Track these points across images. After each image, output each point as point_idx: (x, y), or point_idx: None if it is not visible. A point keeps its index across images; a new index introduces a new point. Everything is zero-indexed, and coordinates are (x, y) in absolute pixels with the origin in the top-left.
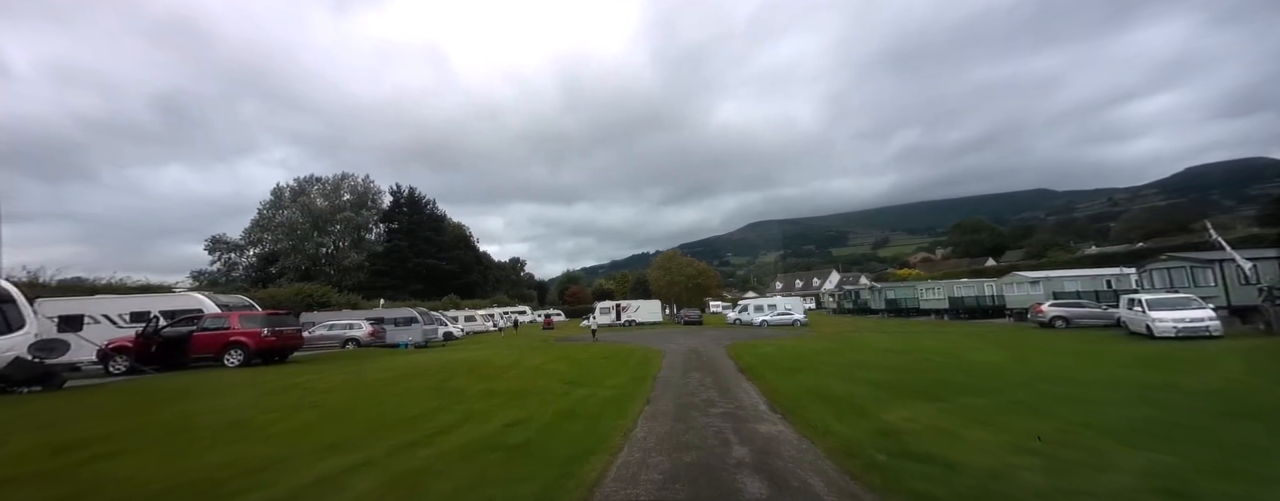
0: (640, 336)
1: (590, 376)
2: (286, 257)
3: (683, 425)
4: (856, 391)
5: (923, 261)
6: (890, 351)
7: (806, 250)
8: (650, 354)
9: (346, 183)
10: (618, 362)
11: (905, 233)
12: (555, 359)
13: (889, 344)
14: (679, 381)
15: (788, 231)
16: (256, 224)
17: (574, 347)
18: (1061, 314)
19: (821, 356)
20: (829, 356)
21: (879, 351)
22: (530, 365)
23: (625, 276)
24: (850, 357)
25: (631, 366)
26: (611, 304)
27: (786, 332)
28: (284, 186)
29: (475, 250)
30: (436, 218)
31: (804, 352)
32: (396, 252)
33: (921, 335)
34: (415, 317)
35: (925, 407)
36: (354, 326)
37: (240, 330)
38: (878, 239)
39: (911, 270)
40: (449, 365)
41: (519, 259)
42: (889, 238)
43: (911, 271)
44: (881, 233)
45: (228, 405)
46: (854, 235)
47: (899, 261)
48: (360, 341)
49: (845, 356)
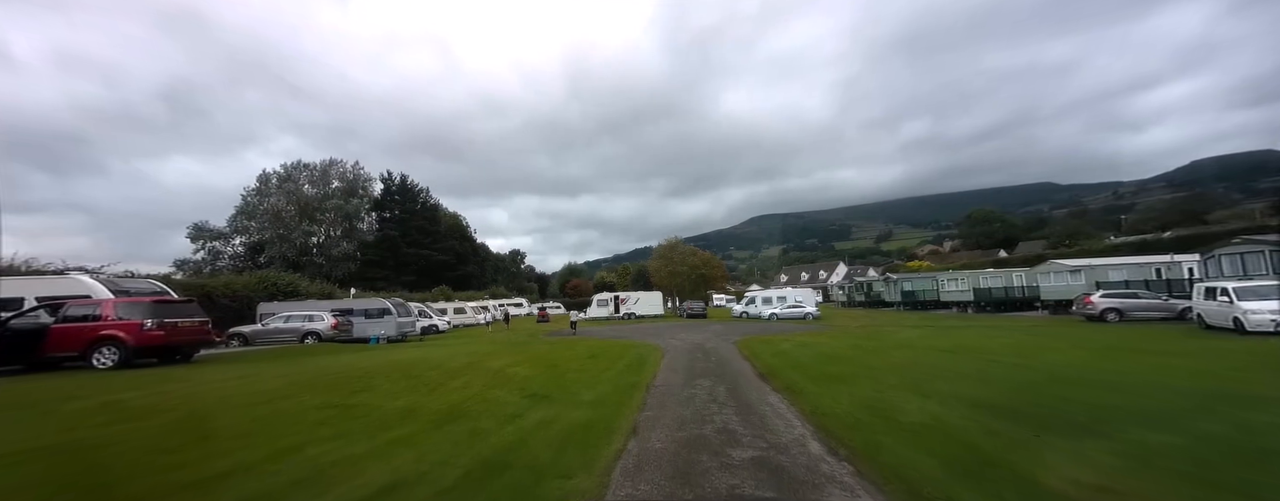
0: (638, 330)
1: (563, 385)
2: (273, 246)
3: (687, 489)
4: (949, 416)
5: (931, 254)
6: (944, 351)
7: (809, 244)
8: (647, 352)
9: (335, 169)
10: (605, 364)
11: (909, 226)
12: (527, 359)
13: (933, 341)
14: (681, 393)
15: (790, 225)
16: (241, 211)
17: (559, 344)
18: (1115, 306)
19: (861, 357)
20: (871, 357)
21: (930, 351)
22: (491, 367)
23: (626, 269)
24: (898, 359)
25: (620, 369)
26: (609, 296)
27: (801, 327)
28: (271, 173)
29: (472, 241)
30: (430, 207)
31: (836, 352)
32: (388, 242)
33: (962, 330)
34: (388, 309)
35: (1099, 455)
36: (314, 318)
37: (115, 321)
38: (881, 232)
39: (921, 262)
40: (388, 367)
41: (519, 251)
42: (892, 231)
43: (922, 263)
44: (884, 226)
45: None
46: (857, 229)
47: (907, 254)
48: (321, 335)
49: (891, 357)
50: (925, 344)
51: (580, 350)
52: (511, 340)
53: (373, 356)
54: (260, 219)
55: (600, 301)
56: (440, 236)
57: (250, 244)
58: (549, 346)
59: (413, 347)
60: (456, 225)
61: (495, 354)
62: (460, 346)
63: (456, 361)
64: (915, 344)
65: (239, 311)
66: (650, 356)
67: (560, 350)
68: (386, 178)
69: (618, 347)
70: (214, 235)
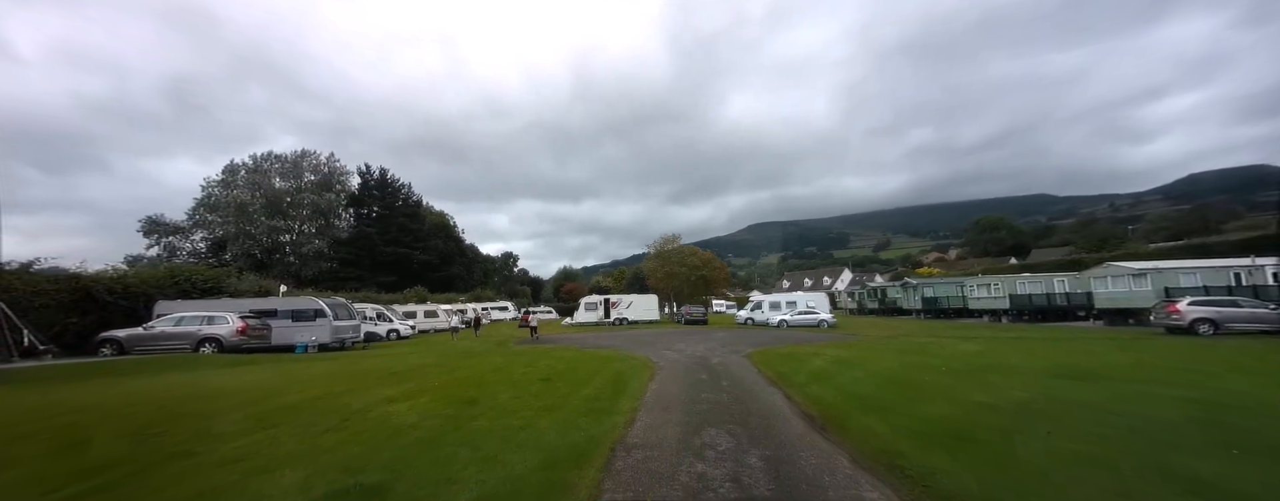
0: (628, 338)
1: (444, 457)
2: (236, 243)
3: None
4: None
5: (936, 261)
6: (1057, 375)
7: (808, 252)
8: (631, 370)
9: (307, 161)
10: (566, 392)
11: (907, 236)
12: (443, 386)
13: (1015, 358)
14: (677, 467)
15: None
16: (202, 203)
17: (519, 357)
18: (1208, 316)
19: (945, 385)
20: (962, 386)
21: (1037, 375)
22: (360, 404)
23: (622, 272)
24: (1014, 393)
25: (579, 406)
26: (598, 298)
27: (819, 336)
28: (239, 164)
29: (459, 241)
30: (413, 204)
31: (897, 374)
32: (364, 240)
33: (1030, 344)
34: (321, 310)
35: None
36: (215, 321)
37: None
38: (879, 241)
39: (931, 269)
40: (219, 396)
41: (512, 253)
42: (890, 240)
43: (932, 270)
44: (883, 235)
45: None
46: (855, 237)
47: (912, 261)
48: (223, 342)
49: (997, 388)
50: (1012, 363)
51: (540, 367)
52: (466, 349)
53: (222, 377)
54: (222, 212)
55: (588, 304)
56: (423, 235)
57: (213, 240)
58: (503, 360)
59: (321, 360)
60: (442, 224)
61: (407, 374)
62: (382, 359)
63: (314, 388)
64: (997, 364)
65: (133, 311)
66: (634, 378)
67: (511, 367)
68: (364, 172)
69: (593, 362)
70: (170, 230)
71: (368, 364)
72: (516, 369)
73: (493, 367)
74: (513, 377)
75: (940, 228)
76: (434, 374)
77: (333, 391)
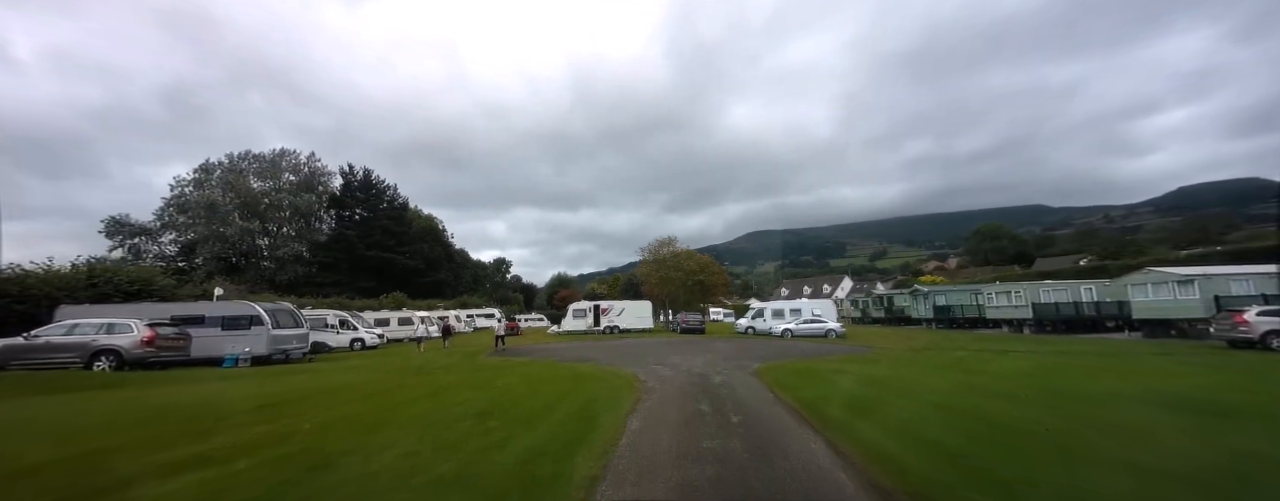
0: (617, 349)
1: None
2: (206, 245)
3: None
4: None
5: (936, 269)
6: (1188, 408)
7: (804, 260)
8: (608, 395)
9: (286, 160)
10: (500, 440)
11: (903, 245)
12: (340, 425)
13: (1104, 381)
14: None
15: (786, 241)
16: (172, 203)
17: (478, 374)
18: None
19: (1059, 430)
20: (1088, 432)
21: (1162, 407)
22: (167, 457)
23: (617, 278)
24: (1122, 433)
25: (511, 468)
26: (587, 305)
27: (829, 347)
28: (215, 163)
29: (447, 245)
30: (398, 206)
31: (962, 404)
32: (343, 243)
33: (1083, 360)
34: (257, 317)
35: None
36: (116, 329)
37: None
38: (875, 251)
39: (934, 277)
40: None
41: (504, 259)
42: (887, 249)
43: (934, 278)
44: (879, 244)
45: None
46: (852, 246)
47: (911, 269)
48: (124, 355)
49: (1147, 435)
50: (1093, 389)
51: (492, 391)
52: (422, 364)
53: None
54: (193, 213)
55: (577, 311)
56: (409, 239)
57: (185, 242)
58: (452, 380)
59: (226, 379)
60: (430, 228)
61: (287, 406)
62: (304, 377)
63: (84, 440)
64: (1073, 389)
65: (32, 316)
66: (610, 409)
67: (452, 392)
68: (347, 172)
69: (564, 384)
70: (135, 231)
71: (265, 387)
72: (457, 395)
73: (428, 392)
74: (439, 412)
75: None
76: (329, 405)
77: (107, 446)
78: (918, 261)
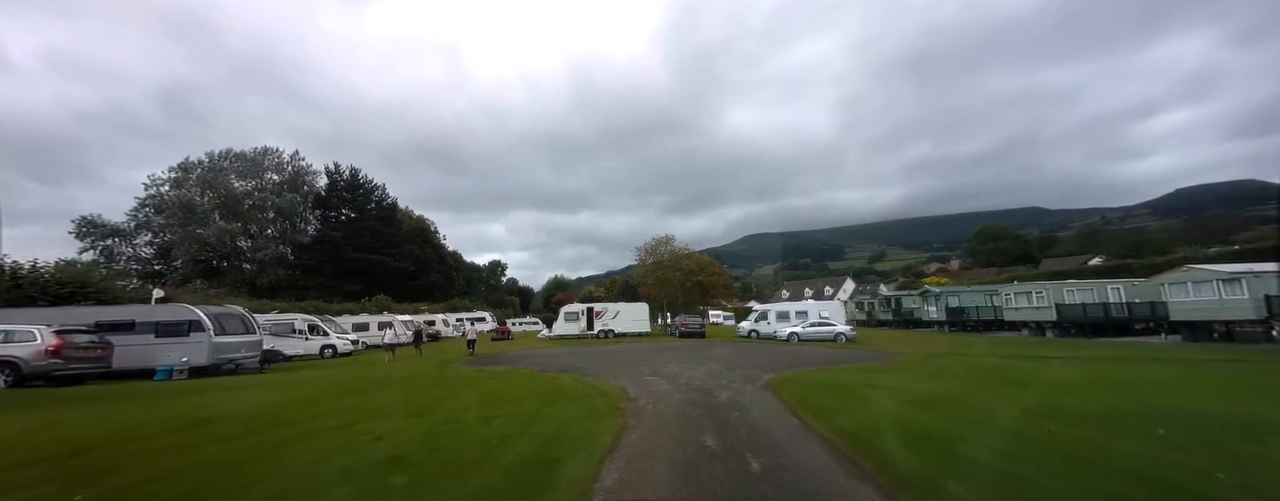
0: (607, 356)
1: None
2: (182, 247)
3: None
4: None
5: (938, 271)
6: None
7: (803, 263)
8: (583, 421)
9: (269, 159)
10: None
11: (901, 248)
12: (179, 474)
13: (1189, 397)
14: None
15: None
16: (146, 203)
17: (438, 389)
18: None
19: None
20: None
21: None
22: None
23: (614, 281)
24: None
25: None
26: (579, 307)
27: (843, 353)
28: (195, 162)
29: (438, 247)
30: (387, 207)
31: (1069, 442)
32: (328, 245)
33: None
34: (198, 322)
35: None
36: (17, 337)
37: None
38: (873, 253)
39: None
40: None
41: (499, 262)
42: (884, 252)
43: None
44: (877, 247)
45: None
46: (850, 249)
47: (913, 271)
48: (24, 367)
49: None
50: (1195, 407)
51: (439, 415)
52: (383, 376)
53: None
54: (170, 213)
55: (568, 314)
56: (398, 240)
57: (162, 244)
58: (405, 396)
59: (104, 401)
60: (420, 229)
61: (104, 447)
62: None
63: None
64: (1164, 406)
65: None
66: (580, 446)
67: (385, 416)
68: (333, 171)
69: (532, 403)
70: (108, 231)
71: (151, 411)
72: (382, 425)
73: (346, 420)
74: (335, 456)
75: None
76: (192, 445)
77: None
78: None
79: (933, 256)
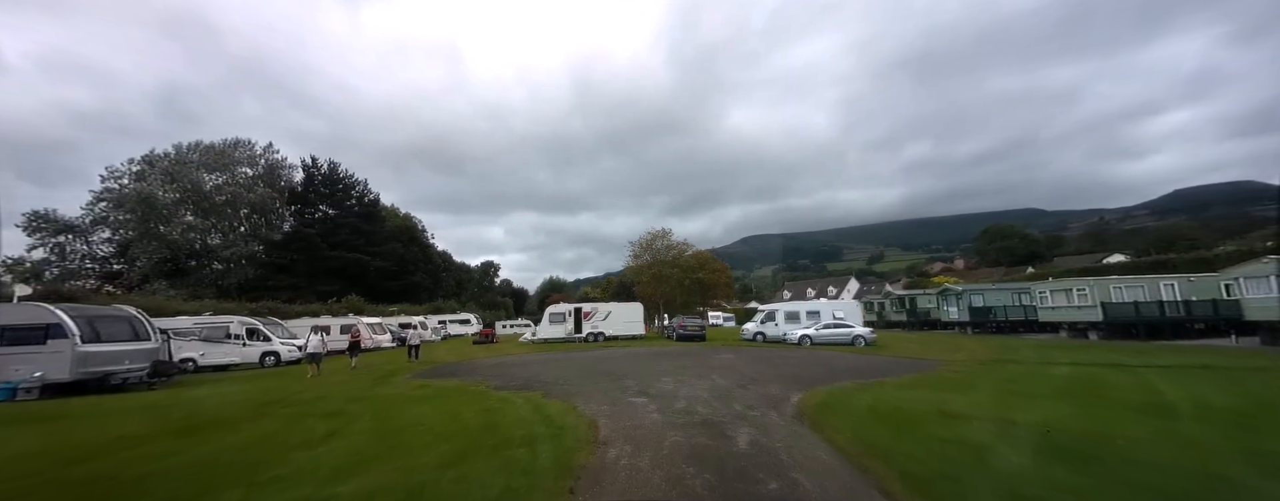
0: (591, 365)
1: None
2: (140, 245)
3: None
4: None
5: (943, 271)
6: None
7: (801, 264)
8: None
9: (240, 151)
10: None
11: (900, 249)
12: None
13: None
14: None
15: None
16: (103, 197)
17: (329, 421)
18: None
19: None
20: None
21: None
22: None
23: (610, 280)
24: None
25: None
26: (566, 308)
27: (877, 361)
28: (160, 154)
29: (424, 246)
30: (369, 203)
31: None
32: (302, 242)
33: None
34: (58, 327)
35: None
36: None
37: None
38: (872, 254)
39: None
40: None
41: (492, 263)
42: (883, 253)
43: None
44: (875, 248)
45: None
46: (848, 250)
47: (917, 271)
48: None
49: None
50: None
51: (282, 479)
52: (294, 393)
53: None
54: (128, 208)
55: (553, 316)
56: (380, 239)
57: (121, 241)
58: (251, 437)
59: None
60: (406, 227)
61: None
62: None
63: None
64: None
65: None
66: None
67: (187, 478)
68: (309, 164)
69: (437, 450)
70: (61, 227)
71: None
72: None
73: (155, 475)
74: None
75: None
76: None
77: None
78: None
79: (933, 257)
